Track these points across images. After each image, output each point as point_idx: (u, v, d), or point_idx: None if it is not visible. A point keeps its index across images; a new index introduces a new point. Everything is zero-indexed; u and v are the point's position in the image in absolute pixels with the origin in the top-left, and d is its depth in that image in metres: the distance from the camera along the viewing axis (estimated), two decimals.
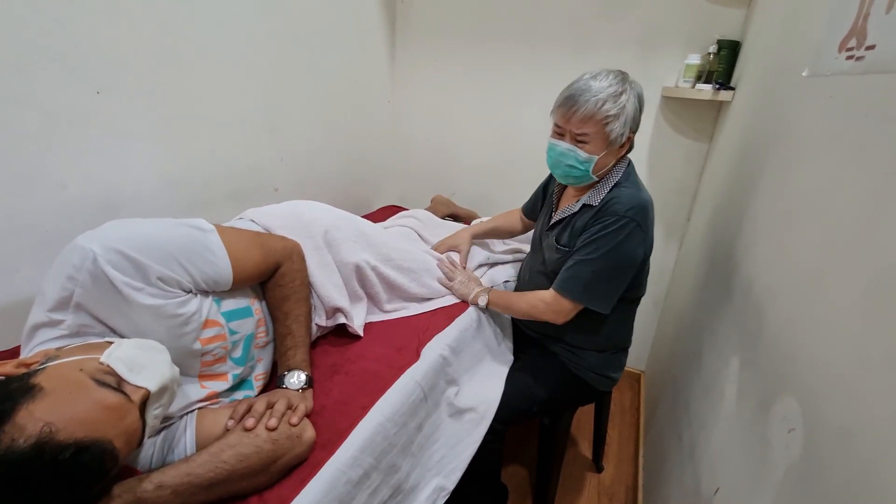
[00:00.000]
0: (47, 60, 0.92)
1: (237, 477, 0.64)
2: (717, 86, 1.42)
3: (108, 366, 0.56)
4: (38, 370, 0.53)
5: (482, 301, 1.20)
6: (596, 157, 0.99)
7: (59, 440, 0.47)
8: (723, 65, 1.45)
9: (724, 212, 1.20)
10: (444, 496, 0.97)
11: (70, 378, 0.52)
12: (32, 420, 0.47)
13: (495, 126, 1.94)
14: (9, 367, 0.54)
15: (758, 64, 1.23)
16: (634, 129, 1.01)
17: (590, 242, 1.01)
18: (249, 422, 0.69)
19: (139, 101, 1.10)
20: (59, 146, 0.98)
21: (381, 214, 1.84)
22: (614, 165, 1.05)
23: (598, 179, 1.05)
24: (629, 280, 1.04)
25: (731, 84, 1.44)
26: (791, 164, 0.80)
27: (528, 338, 1.27)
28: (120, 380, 0.55)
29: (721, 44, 1.45)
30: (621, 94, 0.95)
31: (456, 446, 1.03)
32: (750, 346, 0.77)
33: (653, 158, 1.71)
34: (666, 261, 1.81)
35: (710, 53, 1.47)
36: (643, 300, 1.17)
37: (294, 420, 0.72)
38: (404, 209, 1.87)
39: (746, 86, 1.30)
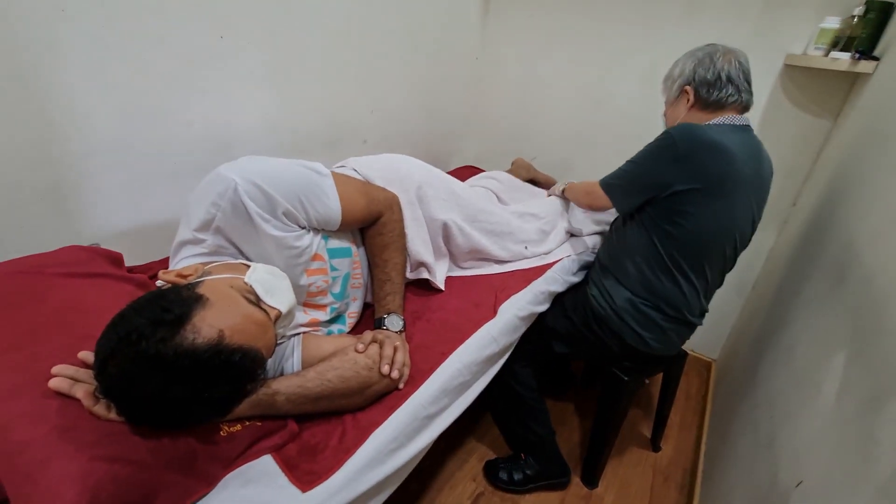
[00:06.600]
0: (181, 3, 0.99)
1: (338, 395, 0.71)
2: (858, 54, 1.25)
3: (251, 286, 0.63)
4: (199, 282, 0.61)
5: (558, 189, 1.48)
6: (664, 118, 1.21)
7: (230, 344, 0.55)
8: (867, 30, 1.26)
9: (844, 198, 1.08)
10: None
11: (226, 293, 0.60)
12: (206, 325, 0.55)
13: (585, 90, 1.84)
14: (172, 276, 0.63)
15: None
16: (689, 81, 1.09)
17: None
18: (360, 347, 0.78)
19: (253, 49, 1.17)
20: (188, 86, 1.07)
21: (459, 174, 1.84)
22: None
23: None
24: (647, 189, 1.07)
25: (876, 53, 1.26)
26: None
27: None
28: (259, 299, 0.63)
29: (870, 5, 1.25)
30: (676, 63, 1.13)
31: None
32: (862, 343, 0.72)
33: (764, 134, 1.54)
34: (759, 248, 1.67)
35: (853, 16, 1.28)
36: (726, 287, 1.11)
37: (408, 362, 0.83)
38: (481, 170, 1.86)
39: None
